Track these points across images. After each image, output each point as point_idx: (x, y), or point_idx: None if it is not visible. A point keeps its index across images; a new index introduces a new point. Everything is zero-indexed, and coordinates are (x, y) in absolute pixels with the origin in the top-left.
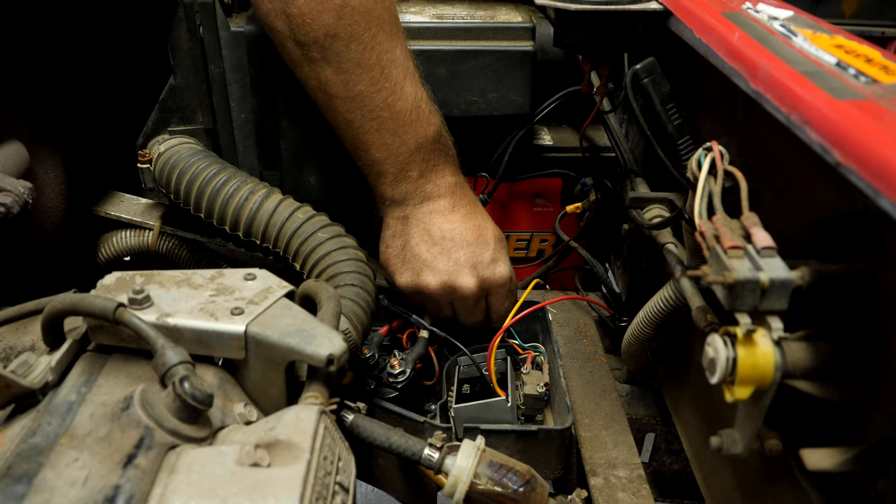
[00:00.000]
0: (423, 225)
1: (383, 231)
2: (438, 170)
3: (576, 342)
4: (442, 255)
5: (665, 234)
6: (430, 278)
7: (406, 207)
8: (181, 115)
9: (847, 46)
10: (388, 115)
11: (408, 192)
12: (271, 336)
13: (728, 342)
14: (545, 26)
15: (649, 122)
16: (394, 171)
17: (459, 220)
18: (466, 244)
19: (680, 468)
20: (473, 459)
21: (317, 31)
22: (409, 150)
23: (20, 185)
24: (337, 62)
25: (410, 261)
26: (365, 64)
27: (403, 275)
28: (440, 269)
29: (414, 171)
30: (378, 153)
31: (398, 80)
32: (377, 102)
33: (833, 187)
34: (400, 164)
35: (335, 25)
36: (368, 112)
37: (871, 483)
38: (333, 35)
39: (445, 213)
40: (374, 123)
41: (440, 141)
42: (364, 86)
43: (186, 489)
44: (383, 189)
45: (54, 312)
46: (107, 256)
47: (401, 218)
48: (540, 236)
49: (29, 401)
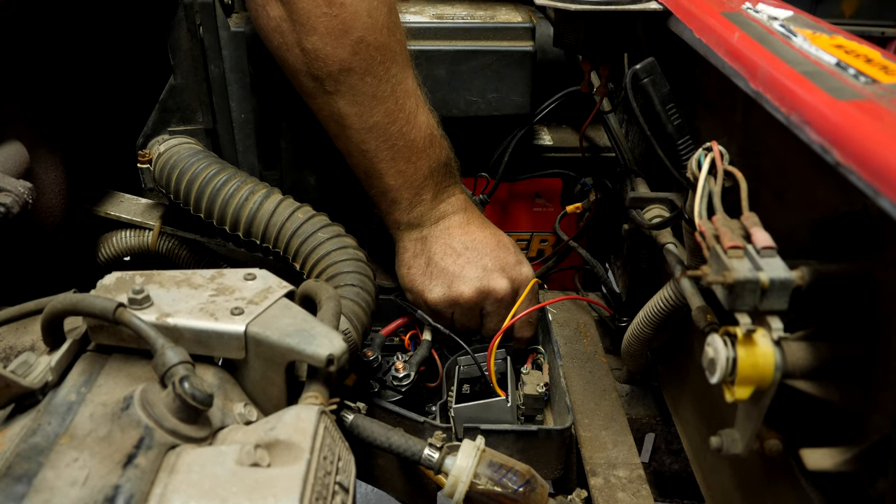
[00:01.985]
0: (444, 240)
1: (401, 255)
2: (449, 190)
3: (576, 342)
4: (470, 265)
5: (665, 234)
6: (464, 287)
7: (423, 229)
8: (181, 115)
9: (847, 46)
10: (402, 144)
11: (422, 214)
12: (271, 336)
13: (728, 342)
14: (545, 26)
15: (649, 122)
16: (408, 197)
17: (477, 230)
18: (490, 250)
19: (680, 468)
20: (473, 459)
21: (332, 65)
22: (423, 175)
23: (20, 185)
24: (352, 95)
25: (439, 276)
26: (380, 96)
27: (434, 290)
28: (471, 276)
29: (427, 195)
30: (393, 181)
31: (412, 109)
32: (392, 132)
33: (833, 187)
34: (414, 190)
35: (351, 60)
36: (384, 142)
37: (870, 483)
38: (349, 69)
39: (462, 227)
40: (389, 153)
41: (449, 164)
42: (379, 117)
43: (186, 489)
44: (398, 215)
45: (54, 312)
46: (107, 256)
47: (419, 239)
48: (540, 236)
49: (29, 401)
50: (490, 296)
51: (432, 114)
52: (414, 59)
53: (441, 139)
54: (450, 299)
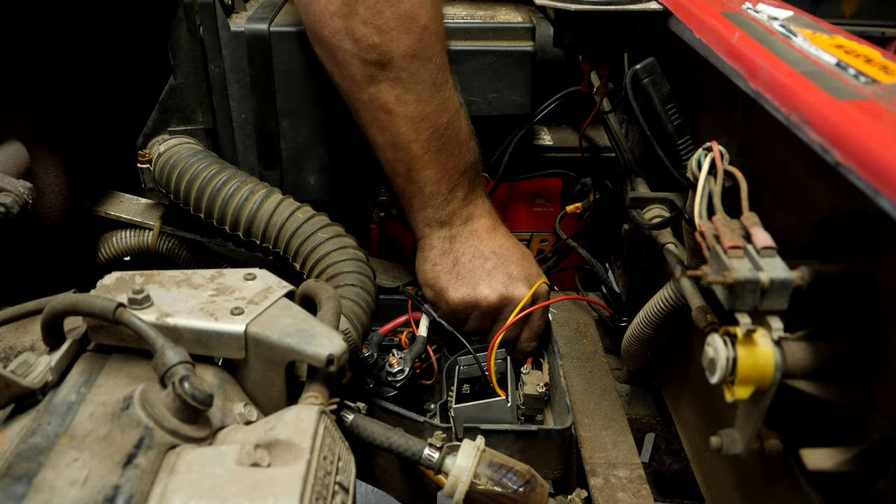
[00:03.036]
0: (472, 242)
1: (426, 252)
2: (477, 192)
3: (576, 342)
4: (496, 270)
5: (665, 234)
6: (488, 291)
7: (452, 227)
8: (181, 115)
9: (847, 46)
10: (450, 135)
11: (453, 213)
12: (271, 336)
13: (728, 342)
14: (545, 26)
15: (649, 122)
16: (444, 192)
17: (503, 238)
18: (515, 259)
19: (680, 468)
20: (473, 459)
21: (394, 51)
22: (460, 171)
23: (20, 185)
24: (412, 82)
25: (465, 276)
26: (438, 84)
27: (459, 290)
28: (497, 282)
29: (460, 192)
30: (435, 173)
31: (457, 102)
32: (443, 122)
33: (833, 187)
34: (451, 185)
35: (416, 46)
36: (434, 132)
37: (870, 483)
38: (413, 55)
39: (490, 232)
40: (437, 143)
41: (478, 164)
42: (435, 105)
43: (186, 489)
44: (430, 212)
45: (54, 312)
46: (107, 256)
47: (447, 237)
48: (540, 236)
49: (29, 401)
50: (511, 303)
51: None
52: None
53: (474, 139)
54: (472, 301)
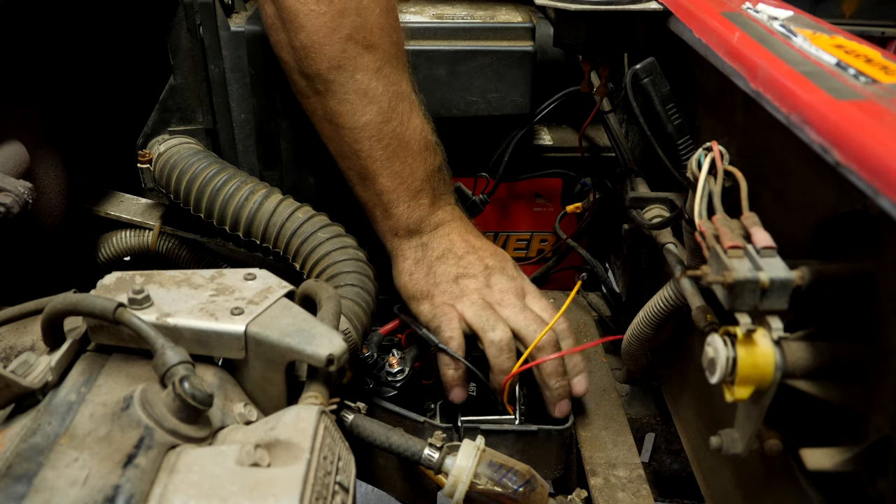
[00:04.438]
0: (445, 246)
1: (400, 264)
2: (445, 198)
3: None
4: (472, 265)
5: (665, 234)
6: (468, 282)
7: (423, 235)
8: (181, 115)
9: (847, 46)
10: (397, 145)
11: (422, 220)
12: (271, 336)
13: (728, 342)
14: (545, 26)
15: (649, 122)
16: (407, 199)
17: (475, 238)
18: (491, 253)
19: (680, 468)
20: (473, 459)
21: (321, 62)
22: (420, 178)
23: (20, 185)
24: (343, 93)
25: (442, 277)
26: (372, 95)
27: (442, 294)
28: (474, 272)
29: (425, 199)
30: (388, 181)
31: (405, 111)
32: (386, 132)
33: (833, 187)
34: (412, 192)
35: (339, 58)
36: (377, 141)
37: (871, 483)
38: (338, 67)
39: (462, 234)
40: (383, 152)
41: (443, 170)
42: (371, 115)
43: (186, 489)
44: (394, 221)
45: (54, 312)
46: (107, 256)
47: (419, 246)
48: (540, 236)
49: (29, 401)
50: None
51: (427, 119)
52: (414, 59)
53: (436, 146)
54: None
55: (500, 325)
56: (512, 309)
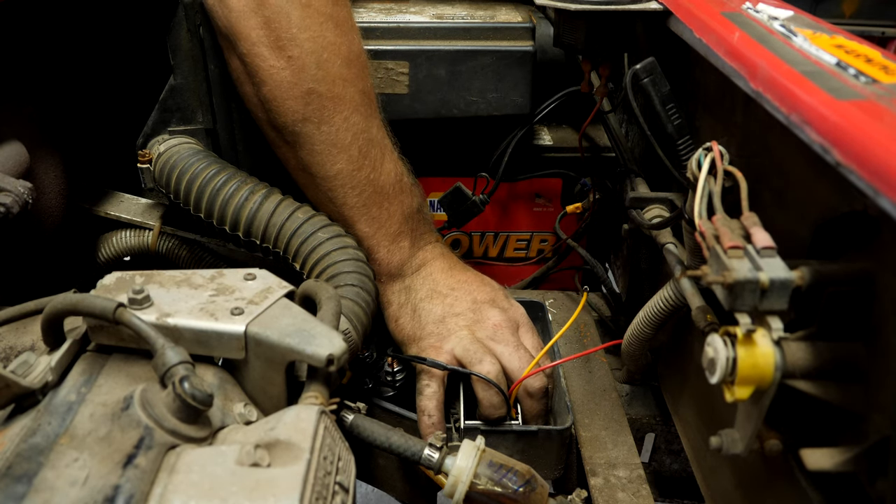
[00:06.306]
0: (428, 286)
1: (387, 310)
2: (426, 238)
3: (576, 342)
4: (458, 302)
5: (665, 234)
6: (455, 321)
7: (405, 279)
8: (181, 115)
9: (847, 46)
10: (372, 190)
11: (403, 262)
12: (271, 336)
13: (728, 342)
14: (545, 26)
15: (649, 122)
16: (386, 244)
17: (460, 273)
18: (476, 287)
19: (680, 468)
20: (473, 459)
21: (286, 116)
22: (398, 221)
23: (20, 185)
24: (311, 145)
25: (427, 318)
26: (340, 145)
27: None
28: (461, 310)
29: (405, 242)
30: (367, 227)
31: (377, 157)
32: (359, 179)
33: (833, 187)
34: (392, 236)
35: (304, 111)
36: (351, 189)
37: (871, 483)
38: (304, 119)
39: (445, 272)
40: (358, 199)
41: (422, 210)
42: (342, 165)
43: (186, 489)
44: (377, 266)
45: (54, 312)
46: (107, 256)
47: (402, 290)
48: (540, 236)
49: (29, 401)
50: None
51: (402, 161)
52: (414, 58)
53: (412, 186)
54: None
55: (488, 357)
56: (506, 346)
